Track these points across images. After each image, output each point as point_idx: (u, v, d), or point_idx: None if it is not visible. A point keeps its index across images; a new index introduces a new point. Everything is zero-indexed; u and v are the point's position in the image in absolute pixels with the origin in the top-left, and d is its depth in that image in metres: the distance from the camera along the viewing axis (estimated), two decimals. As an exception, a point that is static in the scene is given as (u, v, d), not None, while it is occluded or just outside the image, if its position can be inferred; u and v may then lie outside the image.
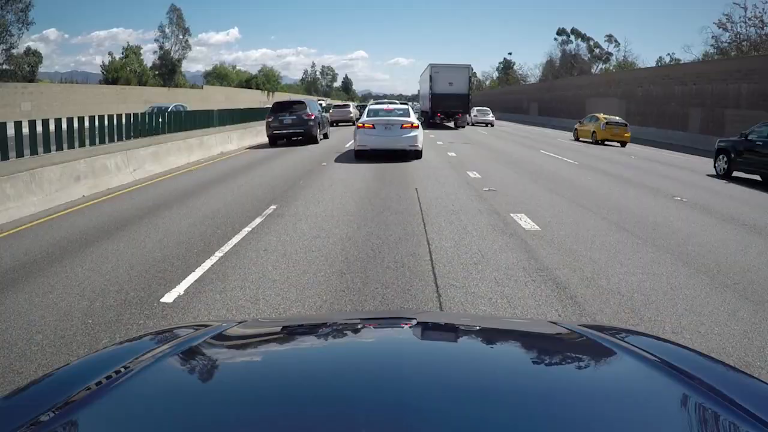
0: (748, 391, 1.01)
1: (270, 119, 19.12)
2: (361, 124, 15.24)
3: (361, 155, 14.91)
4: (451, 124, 33.17)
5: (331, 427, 0.81)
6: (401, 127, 14.69)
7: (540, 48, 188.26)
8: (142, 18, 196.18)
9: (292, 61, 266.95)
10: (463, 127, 33.08)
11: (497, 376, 1.05)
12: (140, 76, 51.20)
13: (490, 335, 1.37)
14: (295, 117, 19.02)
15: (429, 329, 1.43)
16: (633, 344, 1.23)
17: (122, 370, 1.04)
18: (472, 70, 38.23)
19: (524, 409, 0.90)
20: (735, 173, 13.69)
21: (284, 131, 19.12)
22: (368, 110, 16.20)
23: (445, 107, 31.52)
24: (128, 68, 49.54)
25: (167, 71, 54.06)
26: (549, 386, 1.00)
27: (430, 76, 31.75)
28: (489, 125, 37.96)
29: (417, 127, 14.99)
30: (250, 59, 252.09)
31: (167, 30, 53.79)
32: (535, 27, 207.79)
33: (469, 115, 34.66)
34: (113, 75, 49.17)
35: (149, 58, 57.55)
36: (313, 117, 19.32)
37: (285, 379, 1.03)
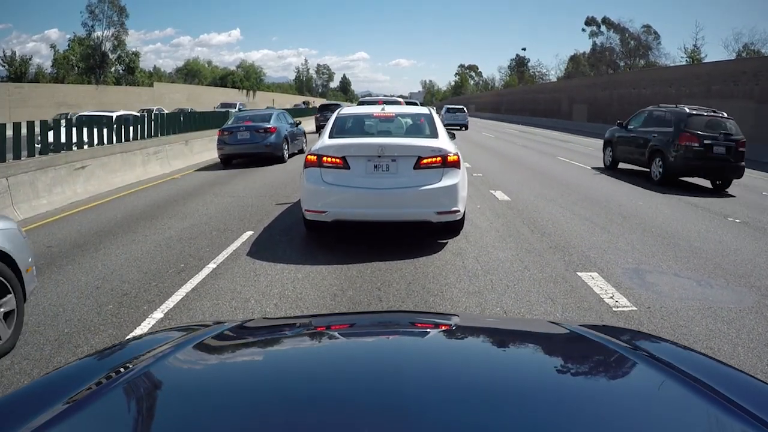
0: (749, 391, 0.99)
1: (318, 116, 27.45)
2: (313, 157, 6.00)
3: (317, 227, 6.32)
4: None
5: (331, 428, 0.81)
6: (416, 166, 5.78)
7: (554, 43, 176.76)
8: (150, 19, 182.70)
9: (293, 62, 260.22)
10: None
11: (500, 377, 1.03)
12: (56, 72, 38.68)
13: (492, 336, 1.36)
14: None
15: (431, 330, 1.40)
16: (635, 345, 1.23)
17: (123, 369, 1.02)
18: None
19: (527, 410, 0.88)
20: None
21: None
22: (337, 118, 6.86)
23: None
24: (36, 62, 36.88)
25: (97, 63, 40.82)
26: (551, 387, 0.99)
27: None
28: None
29: (456, 164, 5.93)
30: (251, 60, 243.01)
31: (96, 11, 40.78)
32: (546, 23, 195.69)
33: None
34: (17, 70, 36.86)
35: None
36: None
37: (286, 379, 1.00)
